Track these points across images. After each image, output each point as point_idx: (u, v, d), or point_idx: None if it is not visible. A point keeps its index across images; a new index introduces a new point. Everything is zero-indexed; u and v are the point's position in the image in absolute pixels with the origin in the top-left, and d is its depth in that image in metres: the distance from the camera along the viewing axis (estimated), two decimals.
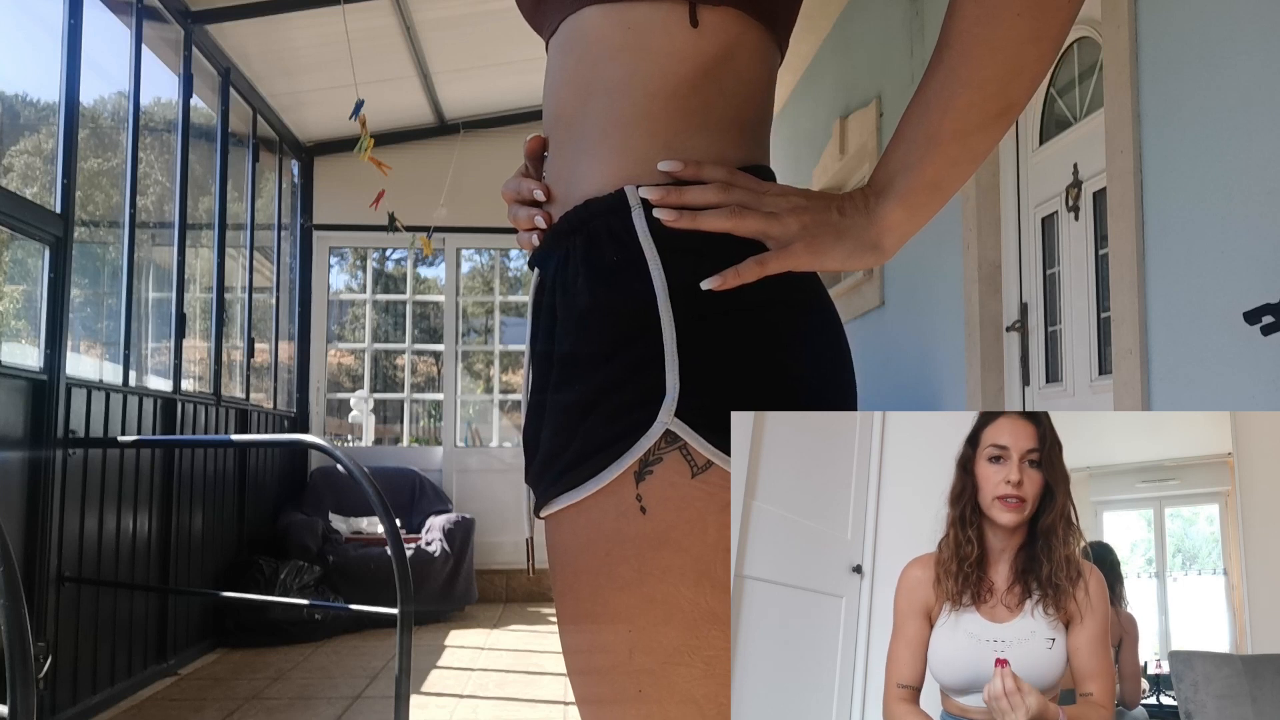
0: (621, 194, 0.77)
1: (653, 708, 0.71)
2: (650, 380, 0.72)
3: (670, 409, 0.71)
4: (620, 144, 0.79)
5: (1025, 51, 0.72)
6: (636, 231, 0.76)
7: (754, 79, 0.81)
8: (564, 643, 0.78)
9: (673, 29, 0.77)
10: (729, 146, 0.80)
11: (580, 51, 0.82)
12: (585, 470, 0.73)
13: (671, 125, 0.78)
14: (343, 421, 6.93)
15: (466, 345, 6.77)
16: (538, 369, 0.83)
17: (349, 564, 5.10)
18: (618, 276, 0.75)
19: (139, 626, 3.80)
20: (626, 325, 0.74)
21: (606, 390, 0.74)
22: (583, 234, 0.79)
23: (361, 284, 7.01)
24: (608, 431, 0.73)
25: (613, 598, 0.72)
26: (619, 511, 0.72)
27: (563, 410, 0.77)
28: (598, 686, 0.75)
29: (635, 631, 0.72)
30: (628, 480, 0.72)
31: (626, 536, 0.72)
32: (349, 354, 7.27)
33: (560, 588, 0.77)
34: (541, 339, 0.83)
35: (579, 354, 0.76)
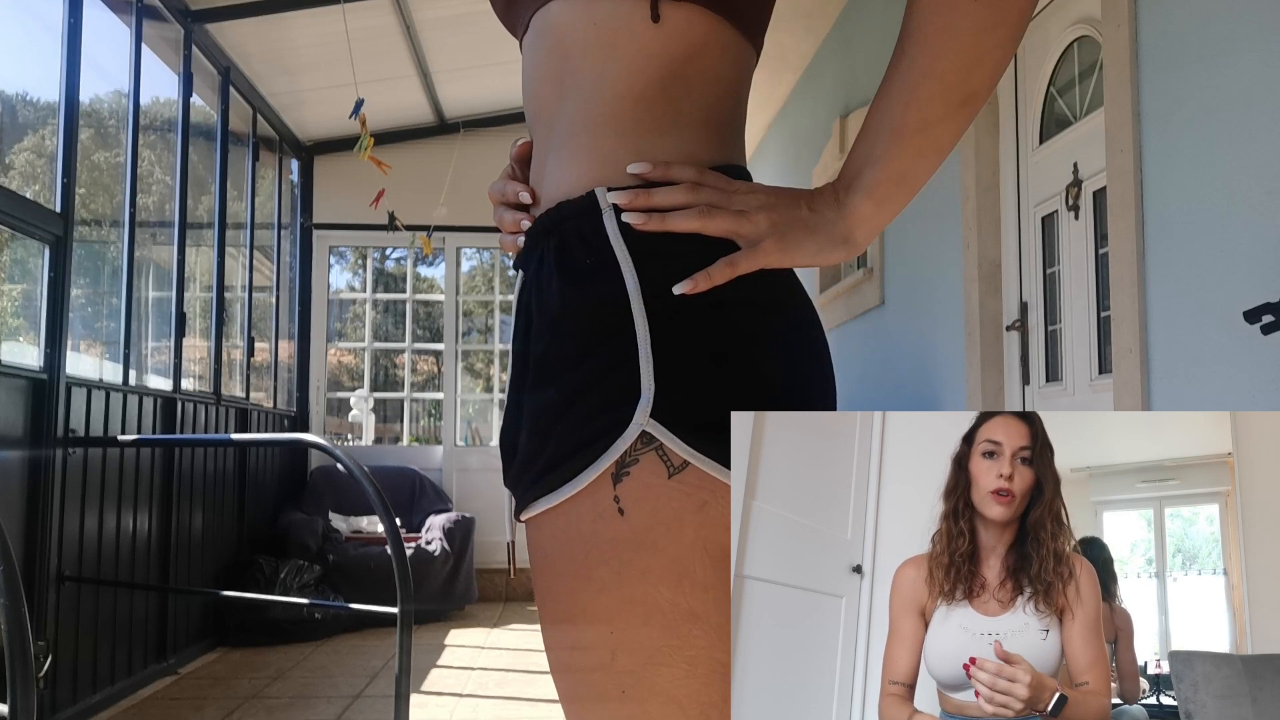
0: (592, 196, 0.77)
1: (635, 708, 0.71)
2: (625, 381, 0.72)
3: (646, 409, 0.71)
4: (589, 145, 0.79)
5: (984, 39, 0.72)
6: (608, 234, 0.75)
7: (723, 78, 0.81)
8: (547, 645, 0.78)
9: (637, 26, 0.77)
10: (699, 146, 0.79)
11: (549, 46, 0.82)
12: (562, 473, 0.73)
13: (640, 126, 0.78)
14: (343, 420, 6.94)
15: (466, 344, 6.77)
16: (515, 369, 0.83)
17: (349, 563, 5.10)
18: (590, 279, 0.75)
19: (139, 626, 3.80)
20: (600, 327, 0.74)
21: (581, 392, 0.74)
22: (555, 236, 0.79)
23: (361, 283, 7.01)
24: (583, 433, 0.72)
25: (593, 600, 0.72)
26: (596, 514, 0.72)
27: (538, 412, 0.77)
28: (581, 688, 0.75)
29: (617, 633, 0.72)
30: (605, 482, 0.72)
31: (604, 538, 0.72)
32: (349, 353, 7.27)
33: (541, 591, 0.77)
34: (519, 339, 0.83)
35: (553, 356, 0.76)
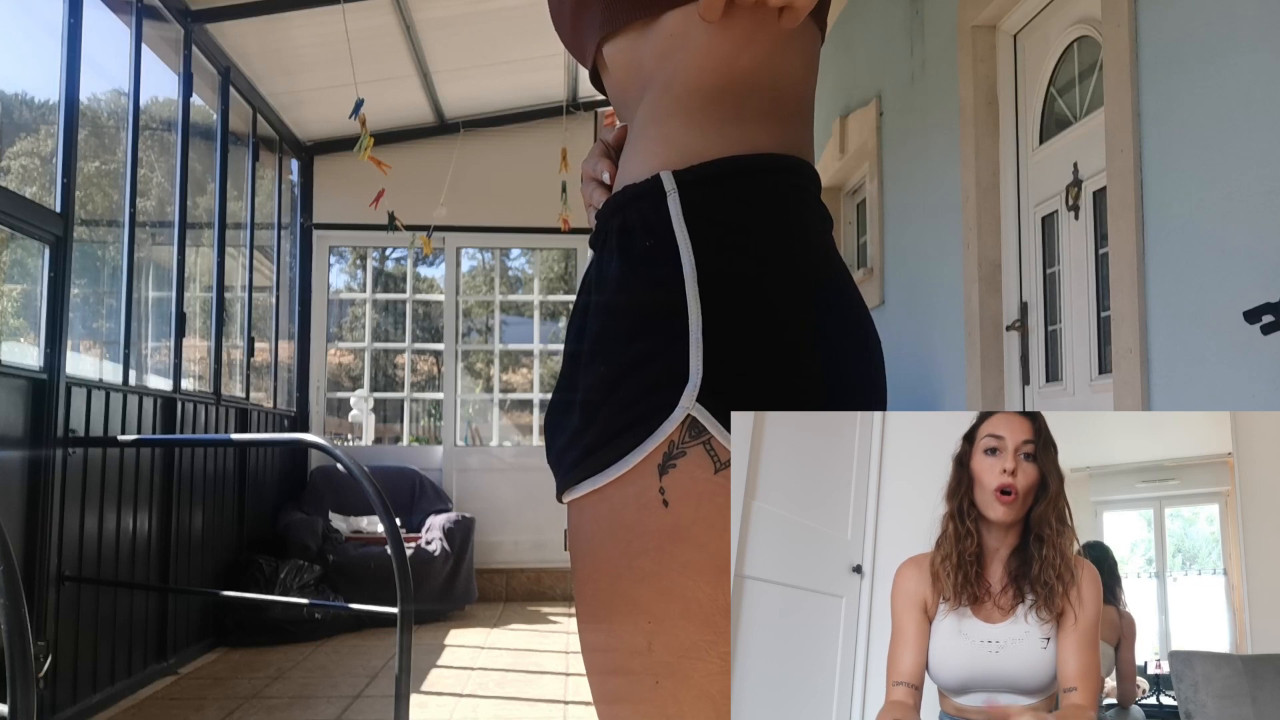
0: (656, 179, 0.78)
1: (668, 700, 0.72)
2: (673, 364, 0.72)
3: (693, 394, 0.71)
4: (657, 134, 0.81)
5: None
6: (670, 216, 0.77)
7: (787, 70, 0.83)
8: (582, 631, 0.79)
9: (699, 25, 0.79)
10: (766, 137, 0.81)
11: (625, 63, 0.85)
12: (607, 455, 0.73)
13: (707, 117, 0.80)
14: (343, 421, 6.93)
15: (466, 345, 6.77)
16: (565, 369, 0.84)
17: (349, 563, 5.10)
18: (648, 260, 0.76)
19: (139, 626, 3.80)
20: (654, 309, 0.75)
21: (629, 372, 0.74)
22: (619, 218, 0.80)
23: (361, 283, 7.01)
24: (629, 415, 0.73)
25: (632, 589, 0.73)
26: (641, 503, 0.72)
27: (588, 388, 0.77)
28: (615, 677, 0.76)
29: (654, 623, 0.72)
30: (650, 471, 0.72)
31: (648, 529, 0.72)
32: (349, 353, 7.27)
33: (582, 574, 0.77)
34: (572, 341, 0.83)
35: (607, 334, 0.77)
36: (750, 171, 0.79)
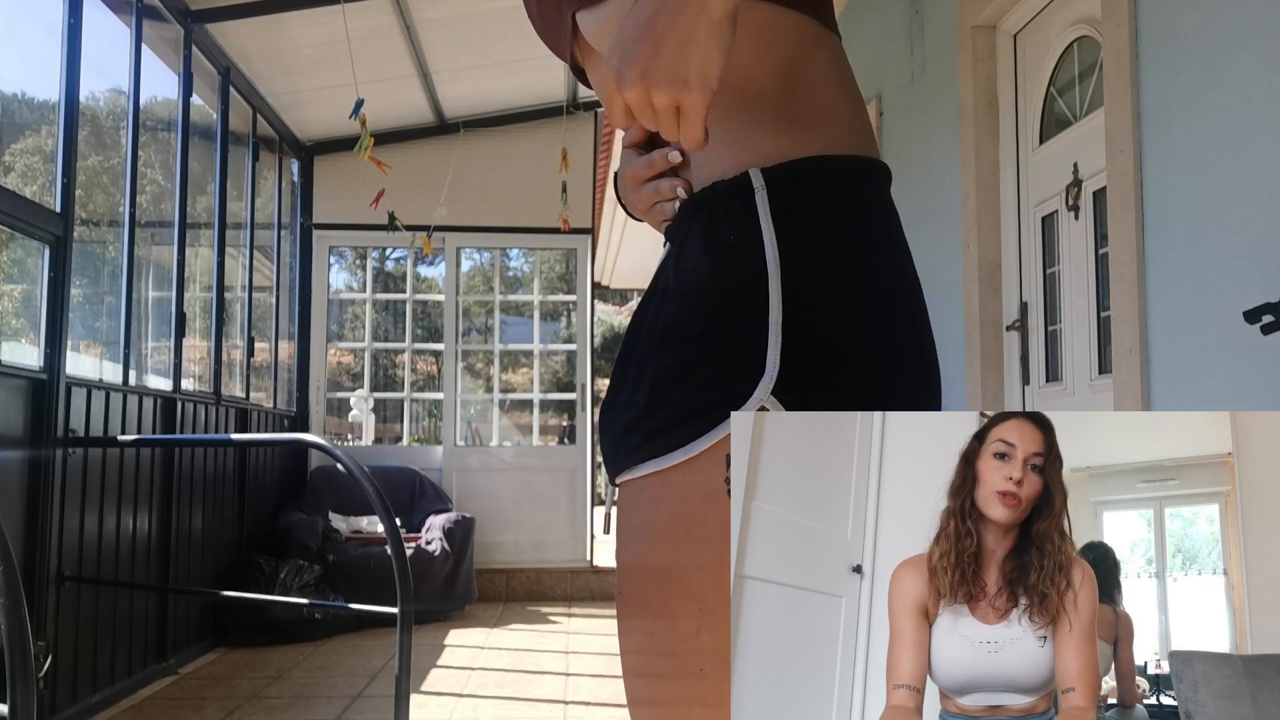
0: (745, 176, 0.79)
1: (711, 686, 0.72)
2: (750, 356, 0.73)
3: (768, 386, 0.72)
4: (738, 132, 0.81)
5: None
6: (758, 212, 0.77)
7: (824, 75, 0.85)
8: (626, 602, 0.78)
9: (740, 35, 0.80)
10: (846, 136, 0.83)
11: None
12: (674, 438, 0.74)
13: (783, 115, 0.81)
14: (343, 421, 6.94)
15: (466, 344, 6.77)
16: (616, 372, 0.84)
17: (349, 563, 5.10)
18: (733, 253, 0.77)
19: (139, 626, 3.80)
20: (734, 300, 0.75)
21: (703, 360, 0.74)
22: (705, 213, 0.81)
23: (361, 283, 7.01)
24: (701, 401, 0.73)
25: (686, 576, 0.73)
26: (705, 490, 0.73)
27: (660, 373, 0.77)
28: (658, 658, 0.76)
29: (705, 613, 0.72)
30: (717, 459, 0.72)
31: (710, 517, 0.72)
32: (349, 353, 7.28)
33: (630, 556, 0.78)
34: (628, 343, 0.84)
35: (684, 323, 0.77)
36: (836, 172, 0.80)
